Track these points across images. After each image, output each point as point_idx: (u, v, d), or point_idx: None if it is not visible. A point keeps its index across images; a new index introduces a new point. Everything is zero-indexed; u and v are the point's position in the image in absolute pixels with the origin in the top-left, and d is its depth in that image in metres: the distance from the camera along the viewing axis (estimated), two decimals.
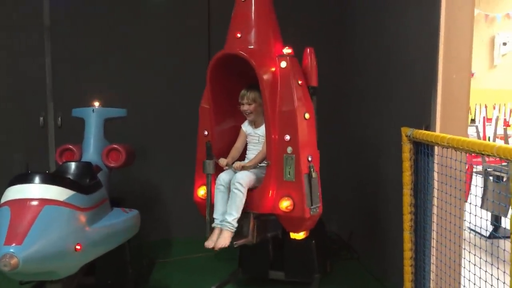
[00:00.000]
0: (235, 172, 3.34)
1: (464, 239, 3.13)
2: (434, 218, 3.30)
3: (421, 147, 3.31)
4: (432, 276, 3.34)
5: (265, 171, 3.33)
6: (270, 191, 3.25)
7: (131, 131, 4.67)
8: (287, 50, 3.32)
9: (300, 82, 3.29)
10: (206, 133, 3.56)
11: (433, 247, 3.30)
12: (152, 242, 4.83)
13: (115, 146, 3.77)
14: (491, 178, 5.07)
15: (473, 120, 7.88)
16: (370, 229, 4.37)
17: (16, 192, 2.69)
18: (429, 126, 3.28)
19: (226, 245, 3.24)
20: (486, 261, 2.70)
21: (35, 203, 2.65)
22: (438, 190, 3.24)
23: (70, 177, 3.28)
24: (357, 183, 4.72)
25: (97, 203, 3.09)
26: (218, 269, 4.09)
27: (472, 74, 13.01)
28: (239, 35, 3.37)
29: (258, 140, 3.46)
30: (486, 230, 4.68)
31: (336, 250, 4.64)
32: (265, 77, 3.21)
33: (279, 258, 3.81)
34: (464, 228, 3.16)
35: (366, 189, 4.49)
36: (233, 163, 3.43)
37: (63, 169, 3.35)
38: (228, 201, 3.28)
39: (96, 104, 3.92)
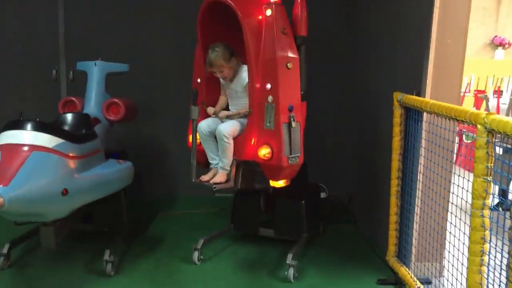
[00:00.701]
0: (222, 121, 3.43)
1: (451, 211, 3.10)
2: (419, 186, 3.30)
3: (411, 112, 3.30)
4: (414, 242, 3.37)
5: None
6: (252, 139, 3.30)
7: (142, 89, 4.82)
8: None
9: (285, 31, 3.23)
10: (199, 80, 3.63)
11: (416, 214, 3.32)
12: (158, 197, 5.00)
13: (115, 100, 3.88)
14: (498, 149, 4.97)
15: (496, 92, 7.61)
16: (367, 193, 4.40)
17: (8, 137, 2.84)
18: (420, 92, 3.25)
19: (222, 181, 3.42)
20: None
21: (24, 148, 2.79)
22: (425, 157, 3.23)
23: (66, 127, 3.44)
24: (359, 147, 4.73)
25: (88, 153, 3.22)
26: (216, 225, 4.18)
27: (510, 44, 12.53)
28: None
29: (236, 95, 3.49)
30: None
31: (334, 214, 4.70)
32: (250, 26, 3.21)
33: (270, 216, 3.90)
34: (451, 201, 3.13)
35: (366, 154, 4.49)
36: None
37: (61, 119, 3.50)
38: (214, 145, 3.46)
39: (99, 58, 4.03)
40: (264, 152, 3.22)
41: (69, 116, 3.52)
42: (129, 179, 3.64)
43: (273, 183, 3.39)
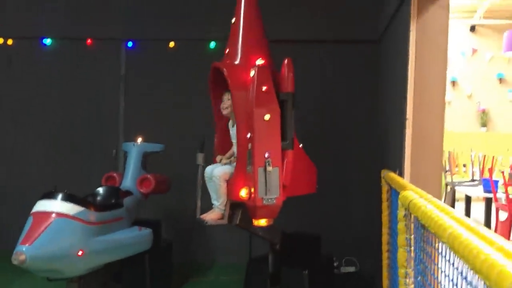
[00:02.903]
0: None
1: None
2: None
3: (392, 190, 3.48)
4: None
5: None
6: (238, 182, 3.68)
7: (185, 164, 5.42)
8: (259, 61, 3.74)
9: (264, 88, 3.63)
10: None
11: None
12: (195, 263, 5.44)
13: (147, 175, 4.48)
14: None
15: None
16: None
17: (39, 205, 3.51)
18: (401, 170, 3.45)
19: (214, 219, 3.80)
20: None
21: (50, 215, 3.42)
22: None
23: (99, 197, 4.08)
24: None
25: (108, 220, 3.79)
26: None
27: None
28: (227, 51, 3.91)
29: (234, 140, 3.89)
30: None
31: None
32: (237, 90, 3.70)
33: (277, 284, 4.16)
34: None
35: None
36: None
37: (96, 192, 4.17)
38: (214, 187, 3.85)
39: (139, 140, 4.70)
40: (243, 192, 3.60)
41: (102, 189, 4.18)
42: (147, 244, 4.13)
43: (255, 222, 3.70)
